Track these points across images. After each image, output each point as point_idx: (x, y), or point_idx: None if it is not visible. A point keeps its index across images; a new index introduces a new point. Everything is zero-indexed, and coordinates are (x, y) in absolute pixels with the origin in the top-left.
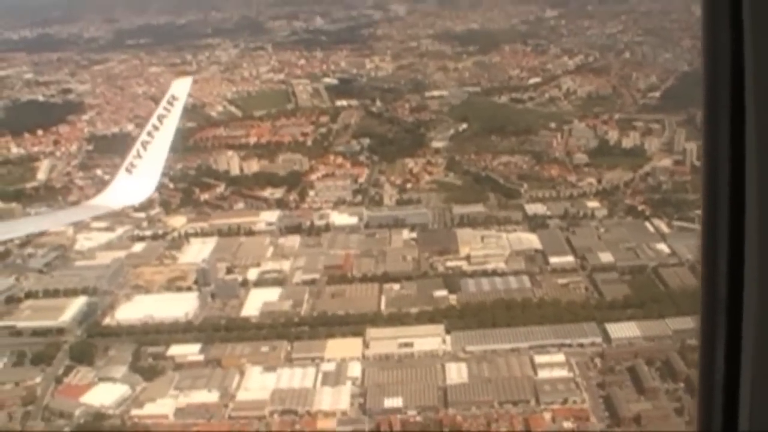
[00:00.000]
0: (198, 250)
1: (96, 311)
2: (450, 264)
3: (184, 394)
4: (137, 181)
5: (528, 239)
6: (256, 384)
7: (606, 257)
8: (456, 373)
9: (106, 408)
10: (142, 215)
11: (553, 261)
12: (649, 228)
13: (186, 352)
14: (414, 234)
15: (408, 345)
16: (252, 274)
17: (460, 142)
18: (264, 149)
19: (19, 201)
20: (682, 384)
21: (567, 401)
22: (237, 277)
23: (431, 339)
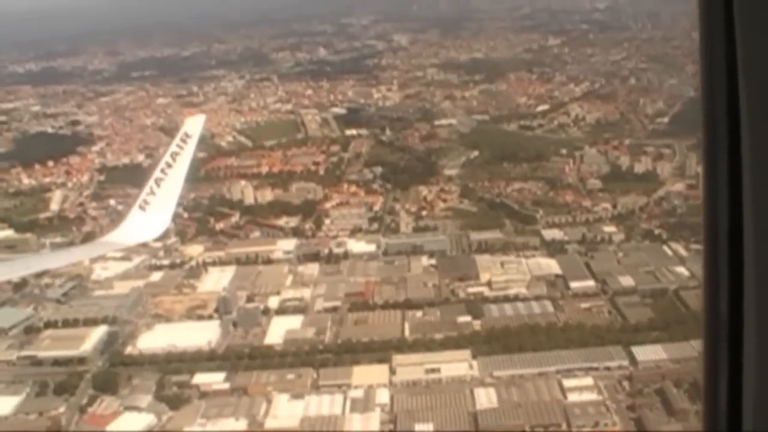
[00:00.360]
0: (217, 278)
1: (117, 340)
2: (471, 290)
3: (211, 422)
4: (151, 218)
5: (547, 264)
6: (284, 412)
7: (626, 281)
8: (485, 398)
9: None
10: (158, 244)
11: (574, 285)
12: (667, 251)
13: (211, 380)
14: (433, 260)
15: (435, 371)
16: (273, 302)
17: (472, 169)
18: (276, 178)
19: (34, 231)
20: None
21: (598, 424)
22: (258, 305)
23: (458, 364)
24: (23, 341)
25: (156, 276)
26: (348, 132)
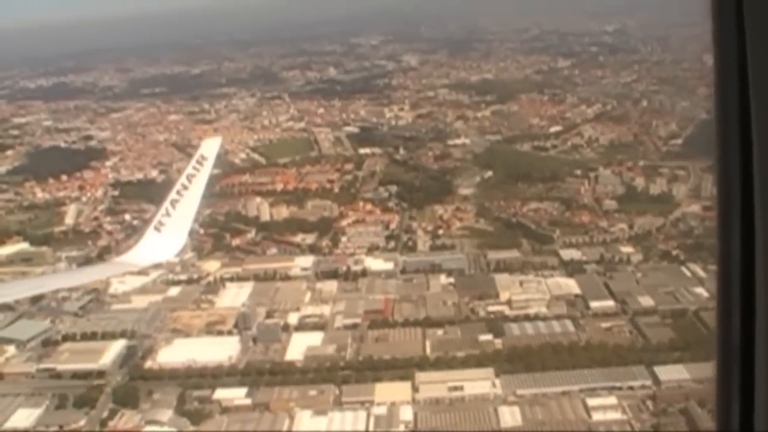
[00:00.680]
0: (235, 294)
1: (136, 354)
2: (491, 308)
3: None
4: (166, 239)
5: (566, 284)
6: (307, 428)
7: (646, 301)
8: (510, 417)
9: None
10: (175, 260)
11: (594, 305)
12: (686, 272)
13: (232, 395)
14: (451, 279)
15: (458, 389)
16: (292, 318)
17: (487, 189)
18: (291, 195)
19: (49, 244)
20: None
21: None
22: (278, 321)
23: (481, 383)
24: (41, 354)
25: (173, 291)
26: (362, 150)
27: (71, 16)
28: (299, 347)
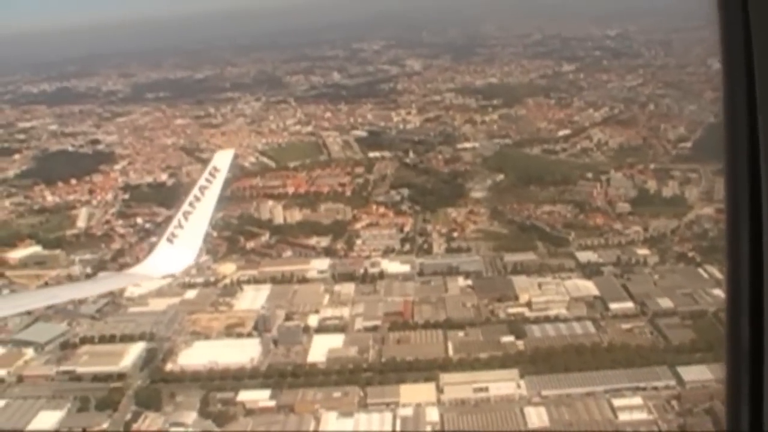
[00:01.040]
0: (252, 297)
1: (156, 357)
2: (511, 310)
3: None
4: (178, 251)
5: (585, 286)
6: (333, 430)
7: (665, 303)
8: (536, 417)
9: None
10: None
11: (614, 307)
12: (703, 274)
13: (256, 397)
14: (469, 281)
15: (483, 390)
16: (312, 320)
17: (498, 192)
18: (303, 199)
19: (62, 248)
20: None
21: None
22: (299, 324)
23: (506, 384)
24: (60, 356)
25: (190, 294)
26: (371, 154)
27: (72, 21)
28: (321, 349)
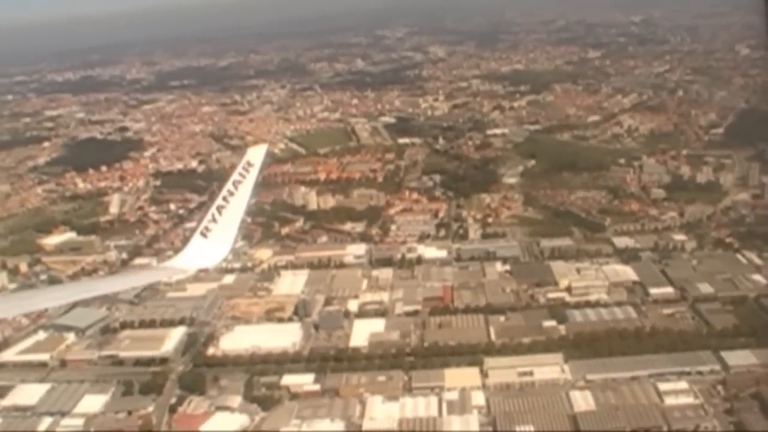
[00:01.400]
0: (290, 282)
1: (197, 341)
2: (551, 295)
3: (306, 423)
4: (212, 246)
5: (624, 271)
6: (380, 413)
7: (705, 288)
8: (582, 401)
9: None
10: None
11: (654, 292)
12: (741, 260)
13: (301, 381)
14: (507, 266)
15: (527, 374)
16: (352, 305)
17: (531, 178)
18: (335, 185)
19: (96, 234)
20: None
21: (699, 427)
22: (340, 308)
23: (550, 368)
24: (101, 341)
25: (228, 279)
26: (400, 141)
27: (92, 9)
28: (362, 334)
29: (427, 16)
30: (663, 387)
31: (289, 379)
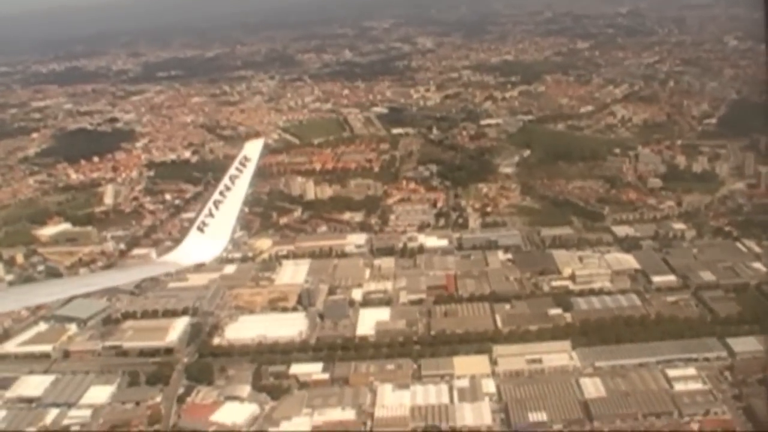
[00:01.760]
0: (292, 271)
1: (202, 331)
2: (555, 283)
3: (318, 412)
4: (209, 240)
5: (626, 260)
6: (391, 401)
7: (707, 276)
8: (593, 388)
9: (239, 427)
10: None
11: (656, 280)
12: (741, 248)
13: (309, 370)
14: (509, 255)
15: (536, 361)
16: (356, 294)
17: (527, 167)
18: (332, 175)
19: (92, 225)
20: None
21: (709, 413)
22: (344, 297)
23: (558, 355)
24: (104, 332)
25: (229, 269)
26: (394, 131)
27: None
28: (369, 322)
29: (413, 7)
30: (672, 373)
31: (298, 368)
